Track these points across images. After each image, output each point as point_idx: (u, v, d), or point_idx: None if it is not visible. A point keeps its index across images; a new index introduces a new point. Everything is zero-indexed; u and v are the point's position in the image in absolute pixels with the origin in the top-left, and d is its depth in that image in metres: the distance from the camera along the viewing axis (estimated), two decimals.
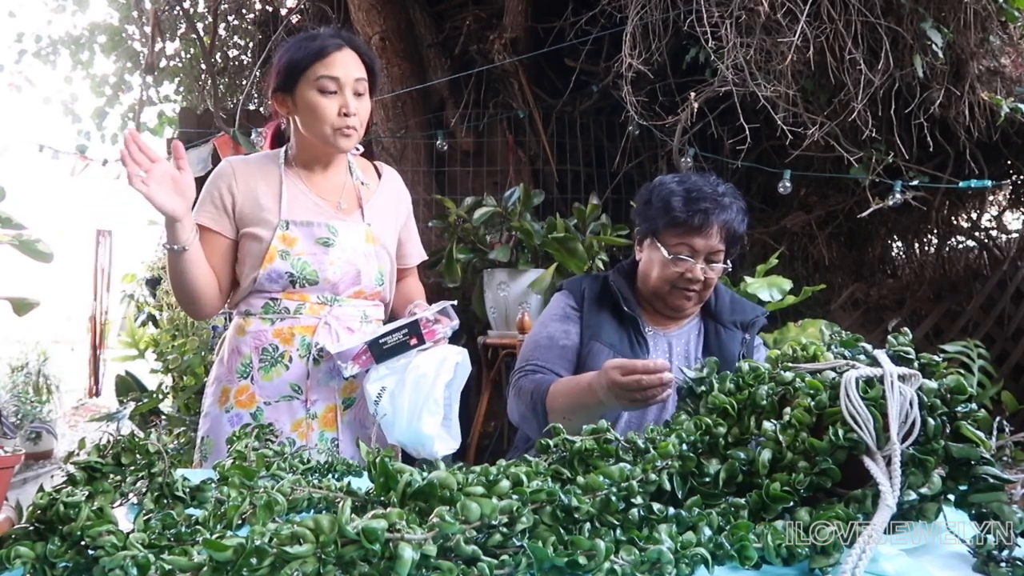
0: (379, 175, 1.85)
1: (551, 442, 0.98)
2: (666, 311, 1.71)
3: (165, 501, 0.94)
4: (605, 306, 1.71)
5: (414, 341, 1.59)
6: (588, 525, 0.79)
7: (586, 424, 0.97)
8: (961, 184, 3.35)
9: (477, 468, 0.86)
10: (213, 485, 0.97)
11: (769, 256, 3.04)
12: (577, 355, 1.67)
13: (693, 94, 3.09)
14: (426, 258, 1.99)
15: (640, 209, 1.74)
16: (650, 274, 1.68)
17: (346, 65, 1.61)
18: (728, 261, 1.68)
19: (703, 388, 1.08)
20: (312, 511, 0.94)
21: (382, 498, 0.81)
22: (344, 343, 1.64)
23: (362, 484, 0.97)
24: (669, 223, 1.63)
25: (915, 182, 3.23)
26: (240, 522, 0.89)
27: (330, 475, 1.16)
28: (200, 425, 1.74)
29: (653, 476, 0.86)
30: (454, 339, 1.70)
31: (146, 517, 0.86)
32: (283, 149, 1.76)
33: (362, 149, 1.84)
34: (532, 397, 1.57)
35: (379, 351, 1.58)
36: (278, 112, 1.72)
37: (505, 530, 0.75)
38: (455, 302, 1.69)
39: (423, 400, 1.53)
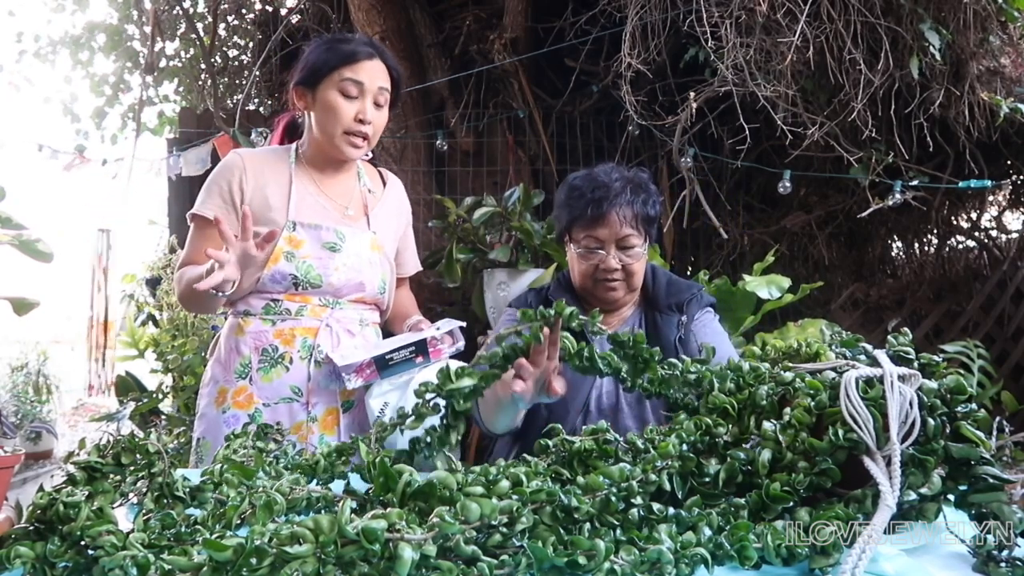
0: (384, 183, 1.86)
1: (550, 442, 0.98)
2: (602, 306, 1.69)
3: (165, 501, 0.94)
4: None
5: (420, 359, 1.61)
6: (588, 525, 0.79)
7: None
8: (961, 184, 3.35)
9: (477, 468, 0.87)
10: (212, 485, 0.97)
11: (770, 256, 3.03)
12: None
13: (693, 94, 3.09)
14: (421, 269, 1.99)
15: (554, 212, 1.75)
16: (574, 273, 1.69)
17: (373, 72, 1.63)
18: (647, 243, 1.65)
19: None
20: (312, 511, 0.94)
21: (382, 498, 0.81)
22: (346, 352, 1.64)
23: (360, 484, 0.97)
24: (571, 219, 1.65)
25: (915, 182, 3.23)
26: (239, 522, 0.89)
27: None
28: (195, 426, 1.72)
29: (653, 476, 0.86)
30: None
31: (146, 517, 0.86)
32: (294, 145, 1.75)
33: (370, 155, 1.84)
34: None
35: (384, 366, 1.60)
36: (295, 105, 1.71)
37: (505, 530, 0.75)
38: (464, 324, 1.69)
39: None
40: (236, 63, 5.46)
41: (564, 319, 1.14)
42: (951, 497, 0.87)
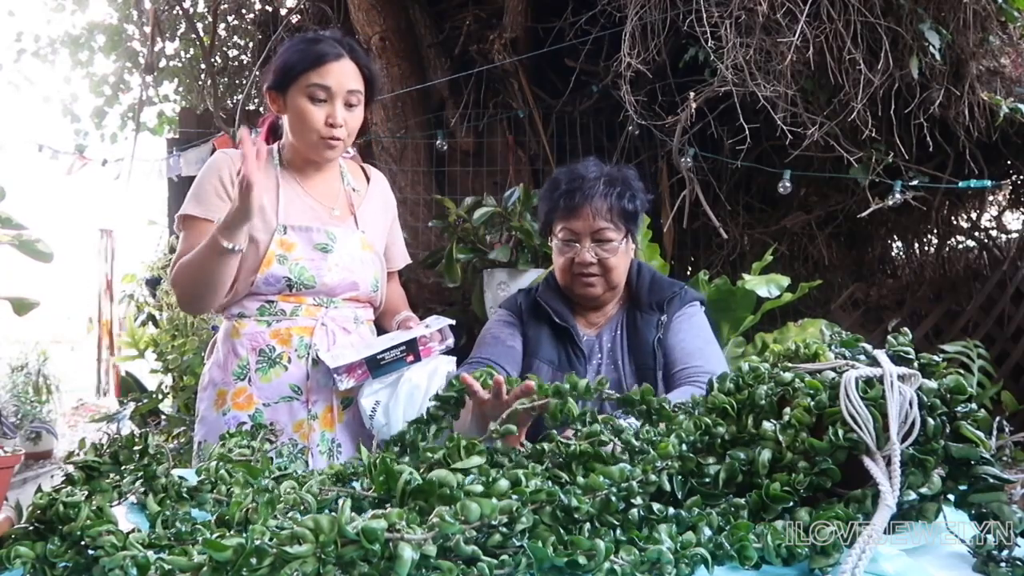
0: (367, 179, 1.85)
1: (545, 447, 0.98)
2: (582, 302, 1.69)
3: (168, 502, 0.94)
4: (542, 320, 1.69)
5: (411, 358, 1.62)
6: (588, 525, 0.79)
7: None
8: (961, 184, 3.35)
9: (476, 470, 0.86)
10: (210, 485, 0.97)
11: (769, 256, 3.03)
12: (521, 365, 1.65)
13: (693, 94, 3.09)
14: (409, 261, 1.98)
15: (538, 206, 1.75)
16: (556, 268, 1.69)
17: (341, 75, 1.59)
18: (628, 238, 1.63)
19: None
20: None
21: (382, 495, 0.81)
22: (339, 352, 1.64)
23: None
24: (548, 211, 1.66)
25: (915, 182, 3.23)
26: (242, 517, 0.88)
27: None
28: (196, 430, 1.72)
29: (653, 476, 0.86)
30: (455, 334, 1.73)
31: (157, 518, 0.86)
32: (276, 147, 1.74)
33: (352, 153, 1.83)
34: None
35: (376, 366, 1.60)
36: (271, 108, 1.71)
37: (505, 530, 0.74)
38: (453, 321, 1.70)
39: (416, 412, 1.54)
40: (236, 63, 5.46)
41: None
42: (951, 497, 0.87)
